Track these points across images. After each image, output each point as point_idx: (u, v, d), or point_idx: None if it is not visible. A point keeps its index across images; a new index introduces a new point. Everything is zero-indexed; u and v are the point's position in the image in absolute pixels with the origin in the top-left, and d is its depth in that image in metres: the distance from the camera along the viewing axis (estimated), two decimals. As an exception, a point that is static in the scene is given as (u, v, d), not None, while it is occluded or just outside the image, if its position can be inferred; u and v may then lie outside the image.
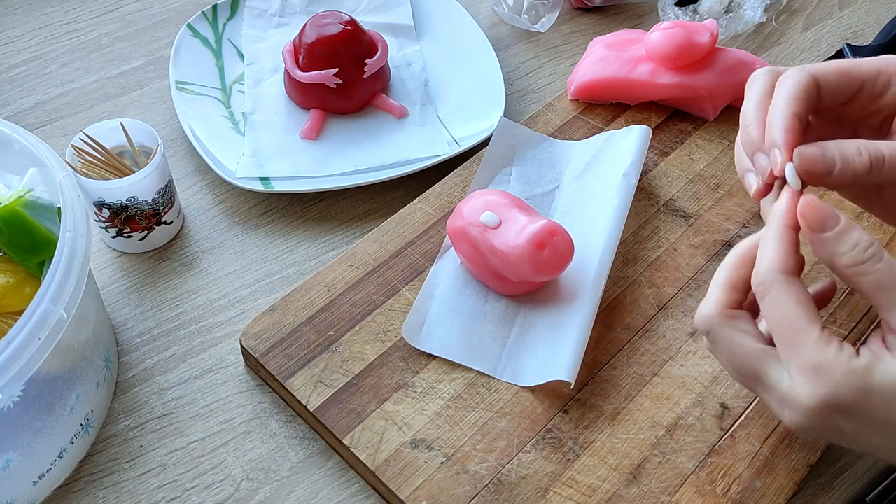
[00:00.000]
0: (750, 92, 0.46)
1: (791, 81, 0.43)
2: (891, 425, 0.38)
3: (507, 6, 0.80)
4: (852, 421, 0.38)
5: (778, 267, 0.40)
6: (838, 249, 0.39)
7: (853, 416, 0.38)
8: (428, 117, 0.70)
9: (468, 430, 0.49)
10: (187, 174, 0.67)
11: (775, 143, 0.42)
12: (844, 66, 0.45)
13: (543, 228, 0.52)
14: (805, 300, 0.39)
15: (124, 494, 0.49)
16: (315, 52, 0.68)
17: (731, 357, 0.41)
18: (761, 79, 0.45)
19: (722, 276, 0.43)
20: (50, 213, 0.49)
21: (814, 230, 0.39)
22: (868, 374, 0.38)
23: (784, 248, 0.40)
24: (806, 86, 0.43)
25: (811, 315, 0.39)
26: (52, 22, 0.80)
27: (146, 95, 0.73)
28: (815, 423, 0.39)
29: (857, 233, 0.39)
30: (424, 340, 0.53)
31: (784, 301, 0.39)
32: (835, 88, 0.44)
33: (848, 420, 0.38)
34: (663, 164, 0.64)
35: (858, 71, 0.45)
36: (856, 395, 0.37)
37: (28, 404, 0.44)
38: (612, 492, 0.47)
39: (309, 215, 0.65)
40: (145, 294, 0.59)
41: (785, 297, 0.39)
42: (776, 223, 0.41)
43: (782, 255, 0.40)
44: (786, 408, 0.39)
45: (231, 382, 0.55)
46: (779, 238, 0.40)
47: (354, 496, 0.50)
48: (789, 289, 0.39)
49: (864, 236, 0.39)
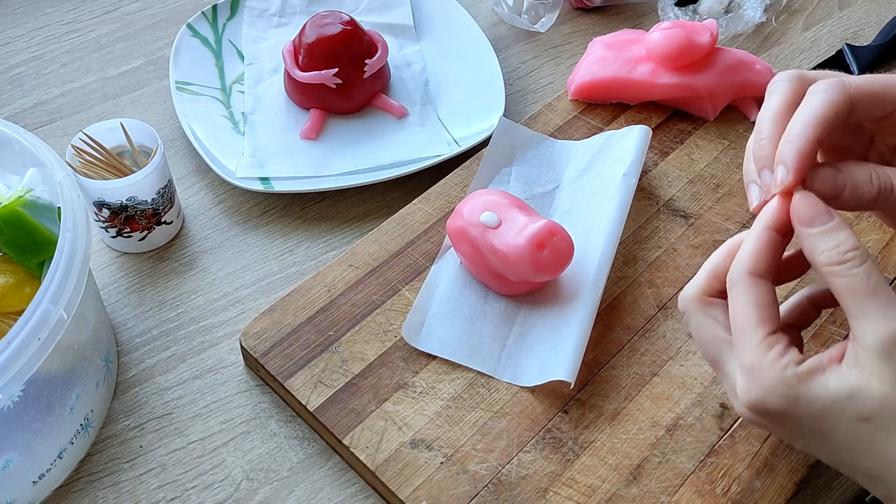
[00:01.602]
0: (770, 99, 0.43)
1: (823, 99, 0.40)
2: (819, 435, 0.38)
3: (507, 6, 0.80)
4: (781, 426, 0.40)
5: (747, 267, 0.40)
6: (820, 246, 0.39)
7: (780, 422, 0.39)
8: (428, 117, 0.70)
9: (468, 430, 0.49)
10: (187, 174, 0.68)
11: (785, 164, 0.40)
12: (881, 87, 0.41)
13: (543, 228, 0.52)
14: (764, 303, 0.40)
15: (124, 494, 0.49)
16: (315, 52, 0.68)
17: (698, 339, 0.43)
18: (784, 85, 0.43)
19: (708, 264, 0.44)
20: (50, 213, 0.49)
21: (801, 224, 0.40)
22: (800, 385, 0.38)
23: (758, 249, 0.41)
24: (838, 106, 0.40)
25: (764, 317, 0.39)
26: (52, 22, 0.80)
27: (146, 95, 0.73)
28: (752, 420, 0.41)
29: (844, 234, 0.39)
30: (424, 340, 0.53)
31: (743, 300, 0.40)
32: (868, 108, 0.42)
33: (776, 424, 0.40)
34: (663, 164, 0.64)
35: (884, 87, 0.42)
36: (782, 403, 0.38)
37: (28, 404, 0.44)
38: (612, 492, 0.47)
39: (309, 215, 0.65)
40: (145, 294, 0.59)
41: (744, 297, 0.40)
42: (759, 225, 0.41)
43: (754, 256, 0.41)
44: (734, 398, 0.41)
45: (231, 382, 0.55)
46: (756, 239, 0.41)
47: (354, 496, 0.50)
48: (750, 290, 0.40)
49: (850, 239, 0.38)
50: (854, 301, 0.38)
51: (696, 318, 0.43)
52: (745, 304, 0.40)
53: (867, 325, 0.37)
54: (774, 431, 0.42)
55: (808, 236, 0.39)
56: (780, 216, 0.41)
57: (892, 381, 0.36)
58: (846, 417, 0.37)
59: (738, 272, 0.41)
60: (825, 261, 0.38)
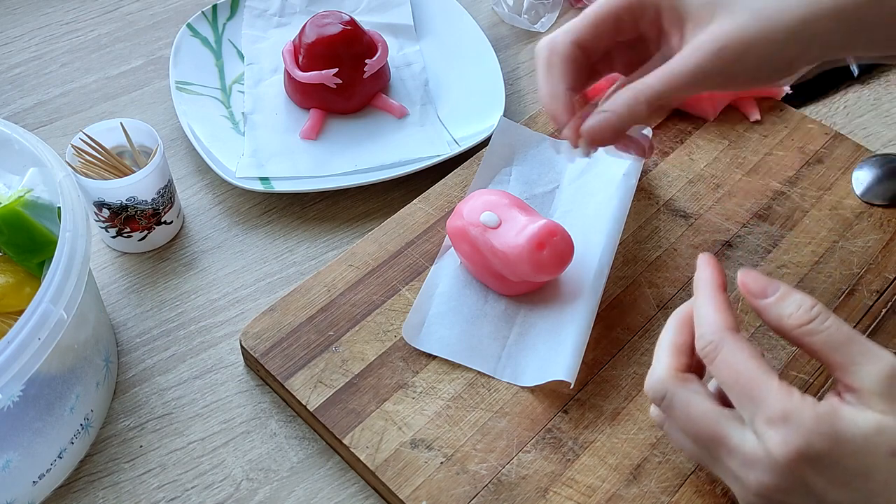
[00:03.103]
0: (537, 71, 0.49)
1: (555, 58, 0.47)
2: (859, 477, 0.37)
3: (507, 6, 0.80)
4: (822, 474, 0.37)
5: (723, 325, 0.39)
6: (785, 311, 0.39)
7: (824, 467, 0.37)
8: (428, 117, 0.70)
9: (468, 430, 0.49)
10: (187, 174, 0.68)
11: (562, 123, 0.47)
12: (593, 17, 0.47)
13: (543, 228, 0.52)
14: (757, 354, 0.39)
15: (124, 494, 0.49)
16: (315, 52, 0.68)
17: (688, 421, 0.40)
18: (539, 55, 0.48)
19: (667, 341, 0.42)
20: (50, 213, 0.49)
21: (757, 297, 0.40)
22: (837, 421, 0.36)
23: (723, 307, 0.40)
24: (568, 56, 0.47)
25: (767, 366, 0.38)
26: (52, 22, 0.80)
27: (146, 95, 0.73)
28: (785, 480, 0.37)
29: (800, 295, 0.39)
30: (424, 340, 0.53)
31: (738, 356, 0.38)
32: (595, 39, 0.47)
33: (819, 473, 0.37)
34: (663, 164, 0.64)
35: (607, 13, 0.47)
36: (827, 442, 0.36)
37: (28, 404, 0.44)
38: (611, 492, 0.47)
39: (309, 215, 0.65)
40: (145, 294, 0.59)
41: (738, 353, 0.39)
42: (707, 288, 0.41)
43: (723, 313, 0.40)
44: (751, 470, 0.38)
45: (231, 382, 0.55)
46: (714, 299, 0.41)
47: (354, 496, 0.50)
48: (740, 344, 0.39)
49: (807, 297, 0.39)
50: (838, 353, 0.38)
51: (681, 395, 0.40)
52: (745, 357, 0.38)
53: (861, 370, 0.37)
54: (805, 489, 0.37)
55: (768, 307, 0.40)
56: (721, 278, 0.42)
57: None
58: (881, 452, 0.36)
59: (717, 333, 0.39)
60: (795, 323, 0.39)
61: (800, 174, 0.63)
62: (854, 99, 0.73)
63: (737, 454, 0.38)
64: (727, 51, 0.43)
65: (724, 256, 0.58)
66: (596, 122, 0.46)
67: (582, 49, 0.47)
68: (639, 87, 0.45)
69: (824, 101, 0.73)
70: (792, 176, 0.63)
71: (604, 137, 0.46)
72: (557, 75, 0.47)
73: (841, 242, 0.59)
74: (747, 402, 0.38)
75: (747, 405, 0.38)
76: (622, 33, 0.48)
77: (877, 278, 0.57)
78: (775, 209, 0.61)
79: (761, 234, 0.60)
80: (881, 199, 0.61)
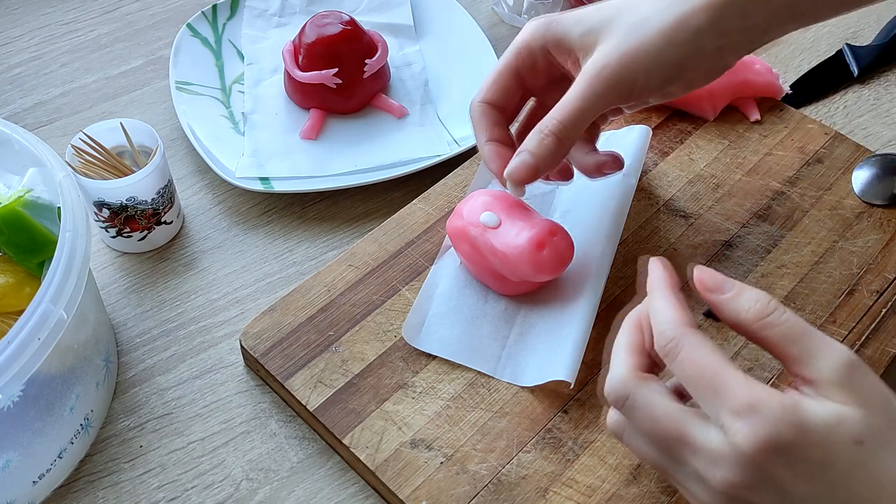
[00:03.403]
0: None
1: (473, 116, 0.52)
2: (823, 468, 0.36)
3: (507, 6, 0.80)
4: (789, 466, 0.36)
5: (682, 321, 0.39)
6: (742, 306, 0.39)
7: (791, 459, 0.36)
8: (428, 117, 0.70)
9: (468, 430, 0.49)
10: (187, 174, 0.68)
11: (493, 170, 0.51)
12: (495, 75, 0.52)
13: (543, 228, 0.52)
14: (718, 348, 0.38)
15: (124, 494, 0.49)
16: (315, 52, 0.68)
17: (652, 421, 0.39)
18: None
19: (624, 342, 0.42)
20: (50, 213, 0.49)
21: (713, 292, 0.40)
22: (801, 411, 0.36)
23: (680, 305, 0.40)
24: (482, 114, 0.52)
25: (729, 360, 0.38)
26: (52, 22, 0.80)
27: (146, 95, 0.73)
28: (752, 475, 0.36)
29: (755, 291, 0.39)
30: (424, 340, 0.53)
31: (701, 351, 0.38)
32: (504, 94, 0.52)
33: (786, 465, 0.36)
34: (663, 164, 0.64)
35: (504, 69, 0.51)
36: (793, 431, 0.36)
37: (28, 404, 0.44)
38: (611, 492, 0.47)
39: (309, 215, 0.65)
40: (145, 294, 0.59)
41: (700, 347, 0.38)
42: (661, 288, 0.41)
43: (682, 311, 0.40)
44: (717, 467, 0.37)
45: (231, 382, 0.55)
46: (670, 298, 0.40)
47: (354, 496, 0.50)
48: (700, 339, 0.39)
49: (763, 294, 0.39)
50: (795, 346, 0.38)
51: (643, 395, 0.39)
52: (707, 351, 0.38)
53: (818, 362, 0.37)
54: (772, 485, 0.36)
55: (725, 302, 0.40)
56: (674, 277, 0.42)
57: (864, 402, 0.37)
58: (844, 441, 0.36)
59: (676, 328, 0.39)
60: (753, 317, 0.39)
61: (800, 174, 0.63)
62: (854, 99, 0.73)
63: (702, 452, 0.38)
64: (609, 69, 0.46)
65: (724, 256, 0.58)
66: (514, 165, 0.49)
67: (493, 105, 0.52)
68: (544, 122, 0.48)
69: (824, 101, 0.73)
70: (792, 176, 0.63)
71: (525, 177, 0.49)
72: (479, 130, 0.52)
73: (841, 242, 0.59)
74: (712, 397, 0.37)
75: (712, 399, 0.37)
76: (534, 79, 0.52)
77: (877, 278, 0.57)
78: (775, 209, 0.61)
79: (761, 234, 0.60)
80: (881, 199, 0.61)
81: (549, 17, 0.50)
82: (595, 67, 0.46)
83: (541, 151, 0.48)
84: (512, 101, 0.53)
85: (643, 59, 0.46)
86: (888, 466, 0.36)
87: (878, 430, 0.37)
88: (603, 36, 0.47)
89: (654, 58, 0.46)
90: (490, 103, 0.52)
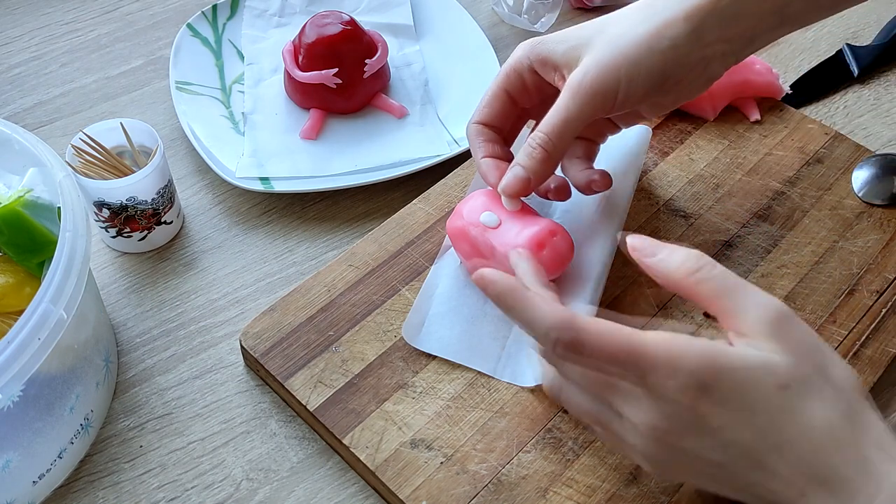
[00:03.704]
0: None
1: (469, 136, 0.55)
2: (747, 411, 0.38)
3: (507, 6, 0.80)
4: (712, 411, 0.38)
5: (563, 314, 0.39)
6: (672, 264, 0.41)
7: (714, 402, 0.38)
8: (428, 117, 0.70)
9: (468, 430, 0.49)
10: (187, 174, 0.68)
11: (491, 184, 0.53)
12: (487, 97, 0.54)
13: (543, 228, 0.52)
14: (607, 321, 0.39)
15: (124, 494, 0.49)
16: (315, 52, 0.68)
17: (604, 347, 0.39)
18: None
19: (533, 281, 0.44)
20: (50, 213, 0.49)
21: (647, 255, 0.42)
22: (725, 356, 0.38)
23: (552, 297, 0.42)
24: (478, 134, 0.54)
25: (631, 330, 0.39)
26: (52, 22, 0.80)
27: (146, 95, 0.73)
28: (675, 419, 0.38)
29: (687, 249, 0.41)
30: (424, 340, 0.53)
31: (600, 334, 0.38)
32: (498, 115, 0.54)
33: (709, 409, 0.38)
34: (663, 164, 0.64)
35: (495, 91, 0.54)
36: (714, 375, 0.37)
37: (28, 404, 0.44)
38: (611, 492, 0.47)
39: (309, 215, 0.65)
40: (145, 294, 0.59)
41: (596, 331, 0.38)
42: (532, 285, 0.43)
43: (556, 302, 0.41)
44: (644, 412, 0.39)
45: (231, 382, 0.55)
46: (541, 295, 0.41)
47: (354, 496, 0.50)
48: (590, 321, 0.39)
49: (694, 251, 0.41)
50: (728, 299, 0.40)
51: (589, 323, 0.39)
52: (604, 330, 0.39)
53: (749, 315, 0.39)
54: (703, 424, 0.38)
55: (658, 263, 0.42)
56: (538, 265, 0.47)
57: (793, 350, 0.38)
58: (769, 386, 0.38)
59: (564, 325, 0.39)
60: (685, 272, 0.40)
61: (800, 174, 0.63)
62: (854, 99, 0.73)
63: (631, 396, 0.39)
64: (590, 78, 0.48)
65: (724, 256, 0.58)
66: (507, 179, 0.51)
67: (488, 125, 0.54)
68: (532, 136, 0.50)
69: (824, 101, 0.73)
70: (792, 176, 0.63)
71: (518, 189, 0.51)
72: (475, 148, 0.54)
73: (841, 242, 0.59)
74: (634, 371, 0.38)
75: (635, 374, 0.38)
76: (526, 98, 0.54)
77: (877, 278, 0.57)
78: (775, 209, 0.61)
79: (761, 234, 0.60)
80: (881, 199, 0.61)
81: (535, 39, 0.53)
82: (576, 79, 0.49)
83: (531, 164, 0.50)
84: (506, 120, 0.55)
85: (623, 67, 0.48)
86: (816, 411, 0.38)
87: (805, 377, 0.38)
88: (585, 50, 0.49)
89: (634, 64, 0.48)
90: (484, 124, 0.54)
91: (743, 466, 0.39)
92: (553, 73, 0.52)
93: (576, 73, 0.49)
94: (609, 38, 0.49)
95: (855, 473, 0.37)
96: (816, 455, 0.38)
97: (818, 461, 0.38)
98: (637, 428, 0.39)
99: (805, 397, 0.38)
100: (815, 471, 0.38)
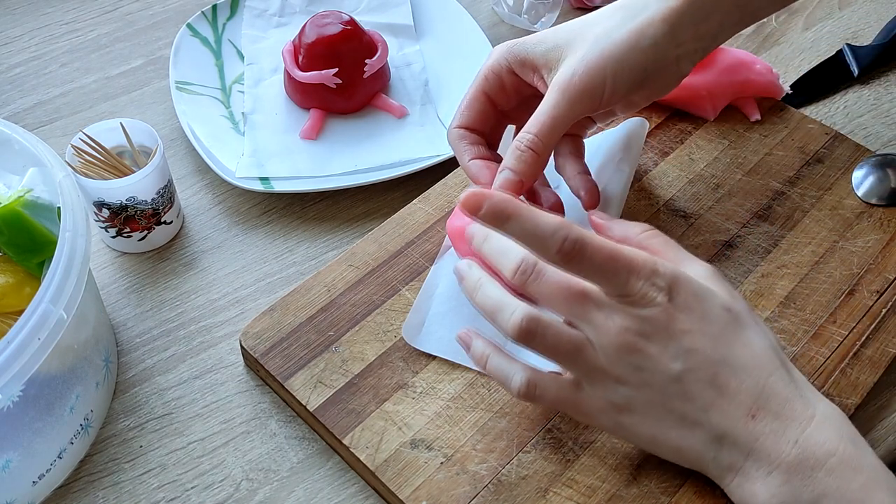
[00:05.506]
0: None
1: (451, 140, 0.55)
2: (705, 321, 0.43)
3: (507, 6, 0.80)
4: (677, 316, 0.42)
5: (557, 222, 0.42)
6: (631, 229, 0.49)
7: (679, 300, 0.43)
8: (428, 117, 0.70)
9: (468, 430, 0.49)
10: (187, 174, 0.67)
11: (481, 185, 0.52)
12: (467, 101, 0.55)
13: (543, 228, 0.52)
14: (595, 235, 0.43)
15: (124, 494, 0.49)
16: (315, 52, 0.68)
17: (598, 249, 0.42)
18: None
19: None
20: (50, 213, 0.49)
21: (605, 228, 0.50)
22: (685, 271, 0.44)
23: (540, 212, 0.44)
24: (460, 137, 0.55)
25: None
26: (51, 22, 0.80)
27: (146, 95, 0.73)
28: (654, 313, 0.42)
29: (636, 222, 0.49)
30: (424, 340, 0.53)
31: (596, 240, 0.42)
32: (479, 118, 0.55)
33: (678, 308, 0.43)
34: (663, 164, 0.64)
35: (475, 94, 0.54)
36: (682, 279, 0.43)
37: (28, 404, 0.44)
38: (611, 492, 0.47)
39: (309, 215, 0.65)
40: (145, 294, 0.59)
41: (593, 236, 0.42)
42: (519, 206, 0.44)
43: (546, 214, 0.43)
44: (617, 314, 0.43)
45: (231, 382, 0.55)
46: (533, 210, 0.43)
47: (354, 496, 0.50)
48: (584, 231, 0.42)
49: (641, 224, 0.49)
50: (672, 252, 0.47)
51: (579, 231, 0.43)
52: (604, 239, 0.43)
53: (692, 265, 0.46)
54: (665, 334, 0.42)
55: (614, 226, 0.49)
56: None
57: (728, 292, 0.45)
58: (716, 303, 0.44)
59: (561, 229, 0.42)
60: (639, 230, 0.48)
61: (800, 174, 0.63)
62: (854, 99, 0.73)
63: (604, 303, 0.43)
64: (578, 76, 0.49)
65: (725, 256, 0.58)
66: (498, 184, 0.51)
67: (469, 129, 0.55)
68: (519, 138, 0.50)
69: (824, 101, 0.73)
70: (792, 176, 0.63)
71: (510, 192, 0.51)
72: (459, 153, 0.54)
73: (841, 242, 0.59)
74: (626, 273, 0.42)
75: (626, 275, 0.42)
76: (505, 100, 0.55)
77: (877, 278, 0.57)
78: (775, 209, 0.61)
79: (761, 234, 0.60)
80: (881, 199, 0.61)
81: (512, 41, 0.53)
82: (563, 78, 0.50)
83: (520, 166, 0.50)
84: (487, 124, 0.55)
85: (609, 66, 0.49)
86: (753, 337, 0.44)
87: (740, 310, 0.44)
88: (567, 51, 0.51)
89: (620, 62, 0.49)
90: (465, 127, 0.55)
91: (699, 380, 0.42)
92: (532, 73, 0.53)
93: (562, 73, 0.50)
94: (593, 38, 0.50)
95: (793, 396, 0.42)
96: (761, 373, 0.42)
97: (763, 380, 0.42)
98: (609, 333, 0.42)
99: (744, 325, 0.44)
100: (761, 389, 0.42)
